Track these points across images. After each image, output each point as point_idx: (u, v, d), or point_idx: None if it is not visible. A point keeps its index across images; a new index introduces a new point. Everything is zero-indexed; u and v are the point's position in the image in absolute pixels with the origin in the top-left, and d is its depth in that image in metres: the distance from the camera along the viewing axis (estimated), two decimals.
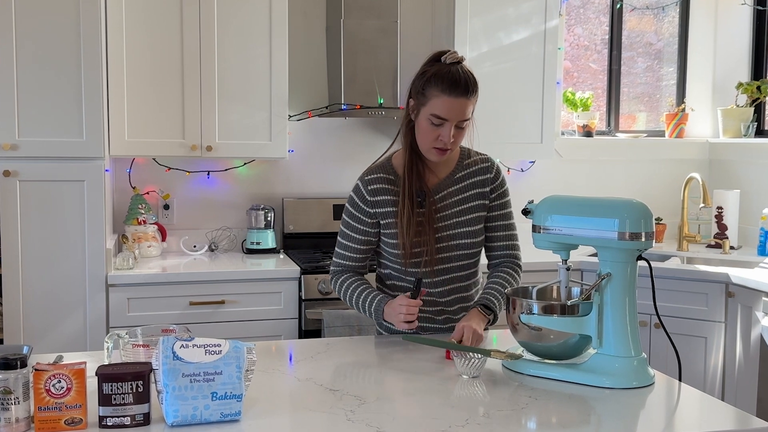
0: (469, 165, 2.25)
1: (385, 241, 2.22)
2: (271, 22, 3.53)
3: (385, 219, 2.20)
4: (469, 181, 2.22)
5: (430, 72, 2.07)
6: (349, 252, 2.25)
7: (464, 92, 2.04)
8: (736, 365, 3.36)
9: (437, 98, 2.05)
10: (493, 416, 1.60)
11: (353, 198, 2.23)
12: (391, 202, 2.18)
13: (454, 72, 2.04)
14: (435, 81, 2.05)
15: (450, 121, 2.06)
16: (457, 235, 2.20)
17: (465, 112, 2.06)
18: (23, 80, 3.04)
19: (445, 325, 2.25)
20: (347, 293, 2.25)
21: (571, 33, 4.46)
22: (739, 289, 3.32)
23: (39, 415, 1.47)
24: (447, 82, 2.03)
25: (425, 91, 2.07)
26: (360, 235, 2.22)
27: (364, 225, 2.22)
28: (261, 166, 3.92)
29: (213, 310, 3.29)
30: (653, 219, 1.82)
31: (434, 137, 2.09)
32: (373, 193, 2.19)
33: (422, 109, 2.09)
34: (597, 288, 1.83)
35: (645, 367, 1.83)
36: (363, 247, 2.24)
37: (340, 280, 2.27)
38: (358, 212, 2.22)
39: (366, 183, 2.21)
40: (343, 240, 2.26)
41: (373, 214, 2.20)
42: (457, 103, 2.04)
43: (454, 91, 2.03)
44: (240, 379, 1.53)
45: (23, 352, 1.55)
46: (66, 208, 3.10)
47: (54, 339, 3.10)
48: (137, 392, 1.49)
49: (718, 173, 4.44)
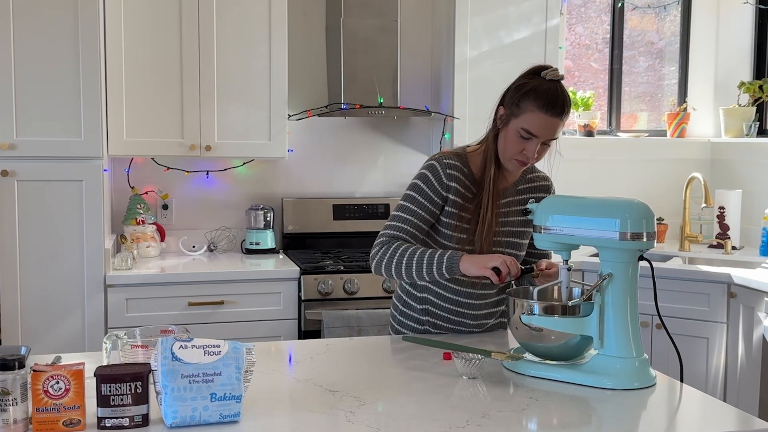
0: (531, 180, 2.27)
1: (441, 231, 2.17)
2: (271, 20, 3.52)
3: (451, 207, 2.15)
4: (528, 195, 2.24)
5: (529, 86, 2.05)
6: (407, 225, 2.14)
7: (560, 113, 2.04)
8: (738, 366, 3.35)
9: (532, 113, 2.03)
10: (494, 417, 1.59)
11: (427, 175, 2.16)
12: (461, 193, 2.15)
13: (554, 90, 2.03)
14: (533, 96, 2.03)
15: (539, 138, 2.06)
16: (506, 243, 2.20)
17: (555, 132, 2.07)
18: (21, 79, 3.03)
19: (456, 327, 2.24)
20: (405, 252, 2.09)
21: (572, 32, 4.46)
22: (741, 289, 3.31)
23: (37, 416, 1.46)
24: (545, 99, 2.02)
25: (521, 103, 2.05)
26: (425, 212, 2.14)
27: (432, 204, 2.14)
28: (260, 166, 3.91)
29: (212, 311, 3.28)
30: (655, 219, 1.81)
31: (519, 150, 2.09)
32: (450, 177, 2.14)
33: (513, 120, 2.07)
34: (598, 288, 1.82)
35: (646, 368, 1.82)
36: (422, 225, 2.15)
37: (394, 244, 2.11)
38: (430, 190, 2.14)
39: (444, 166, 2.15)
40: (404, 213, 2.15)
41: (445, 197, 2.14)
42: (551, 122, 2.04)
43: (551, 110, 2.02)
44: (239, 380, 1.53)
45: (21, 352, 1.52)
46: (64, 208, 3.09)
47: (52, 340, 3.09)
48: (136, 393, 1.49)
49: (720, 173, 4.43)
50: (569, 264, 1.93)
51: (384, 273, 2.13)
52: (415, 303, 2.25)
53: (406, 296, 2.27)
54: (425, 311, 2.24)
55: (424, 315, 2.24)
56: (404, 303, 2.28)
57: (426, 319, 2.24)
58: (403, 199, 2.18)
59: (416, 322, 2.26)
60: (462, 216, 2.14)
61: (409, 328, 2.27)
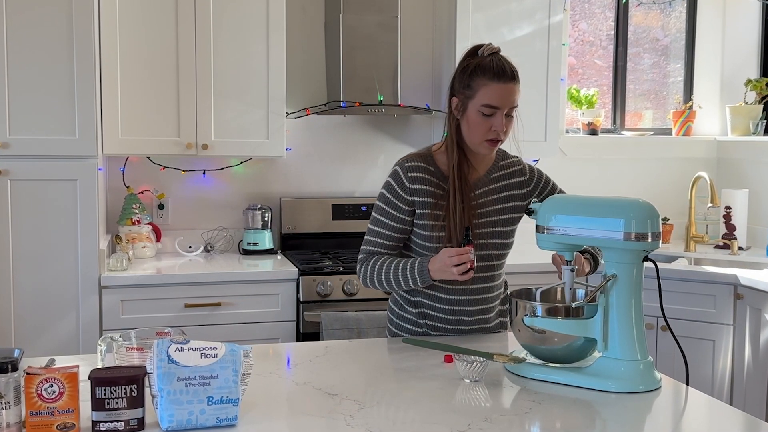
0: (505, 166, 2.28)
1: (418, 233, 2.19)
2: (269, 17, 3.51)
3: (421, 209, 2.17)
4: (504, 183, 2.25)
5: (473, 64, 2.09)
6: (381, 239, 2.20)
7: (511, 78, 2.08)
8: (744, 369, 3.34)
9: (486, 87, 2.07)
10: (496, 421, 1.59)
11: (391, 184, 2.19)
12: (429, 193, 2.16)
13: (497, 60, 2.09)
14: (480, 71, 2.07)
15: (501, 108, 2.08)
16: (490, 234, 2.20)
17: (514, 98, 2.10)
18: (14, 77, 3.02)
19: (456, 327, 2.22)
20: (383, 268, 2.16)
21: (575, 28, 4.46)
22: (747, 290, 3.31)
23: (30, 420, 1.46)
24: (493, 69, 2.07)
25: (471, 83, 2.09)
26: (395, 222, 2.18)
27: (400, 212, 2.18)
28: (258, 165, 3.90)
29: (209, 313, 3.26)
30: (660, 219, 1.81)
31: (486, 128, 2.10)
32: (413, 180, 2.17)
33: (470, 103, 2.10)
34: (602, 290, 1.82)
35: (651, 371, 1.82)
36: (397, 235, 2.20)
37: (371, 261, 2.19)
38: (395, 198, 2.18)
39: (406, 170, 2.18)
40: (376, 227, 2.21)
41: (411, 201, 2.17)
42: (505, 89, 2.07)
43: (502, 77, 2.07)
44: (236, 383, 1.53)
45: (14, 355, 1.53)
46: (58, 208, 3.08)
47: (46, 342, 3.08)
48: (131, 396, 1.49)
49: (727, 172, 4.42)
50: (573, 265, 1.94)
51: (373, 288, 2.22)
52: (410, 306, 2.25)
53: (402, 300, 2.28)
54: (421, 314, 2.23)
55: (421, 318, 2.24)
56: (400, 307, 2.28)
57: (423, 322, 2.24)
58: (374, 210, 2.24)
59: (414, 324, 2.25)
60: (436, 215, 2.15)
61: (407, 332, 2.26)
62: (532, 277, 3.06)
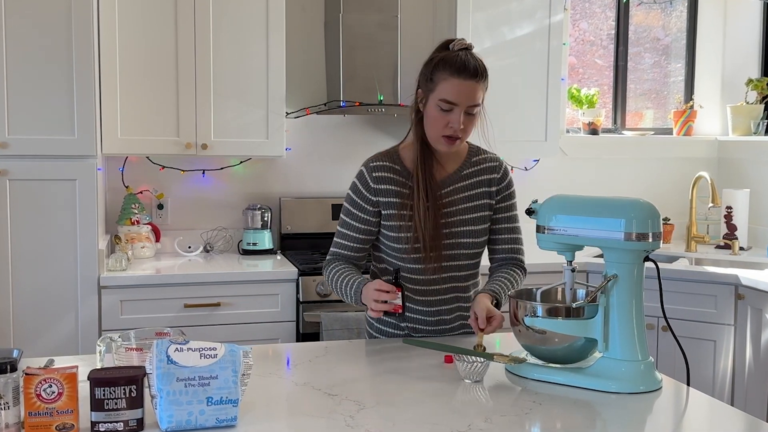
0: (477, 162, 2.23)
1: (385, 234, 2.17)
2: (268, 16, 3.50)
3: (387, 209, 2.15)
4: (476, 179, 2.20)
5: (438, 58, 2.06)
6: (346, 241, 2.19)
7: (473, 75, 2.02)
8: (746, 369, 3.34)
9: (445, 81, 2.02)
10: (496, 422, 1.59)
11: (356, 184, 2.18)
12: (395, 192, 2.14)
13: (463, 56, 2.04)
14: (443, 65, 2.03)
15: (459, 105, 2.03)
16: (461, 233, 2.17)
17: (474, 97, 2.04)
18: (13, 76, 3.01)
19: (436, 327, 2.20)
20: (334, 279, 2.17)
21: (576, 28, 4.46)
22: (748, 291, 3.31)
23: (29, 421, 1.45)
24: (455, 65, 2.02)
25: (433, 76, 2.05)
26: (360, 223, 2.17)
27: (365, 213, 2.16)
28: (258, 165, 3.89)
29: (208, 313, 3.25)
30: (660, 219, 1.81)
31: (444, 124, 2.06)
32: (377, 180, 2.15)
33: (431, 96, 2.06)
34: (603, 290, 1.81)
35: (652, 372, 1.82)
36: (362, 236, 2.18)
37: (331, 266, 2.20)
38: (360, 199, 2.17)
39: (370, 170, 2.16)
40: (342, 228, 2.20)
41: (375, 202, 2.15)
42: (465, 85, 2.02)
43: (463, 73, 2.01)
44: (236, 384, 1.52)
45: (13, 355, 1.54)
46: (57, 208, 3.07)
47: (45, 342, 3.07)
48: (130, 397, 1.48)
49: (728, 172, 4.42)
50: (573, 265, 1.93)
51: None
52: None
53: None
54: (402, 317, 2.20)
55: (402, 321, 2.21)
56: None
57: (405, 325, 2.21)
58: (342, 212, 2.21)
59: (395, 327, 2.23)
60: (402, 215, 2.13)
61: (389, 335, 2.24)
62: (532, 277, 3.04)
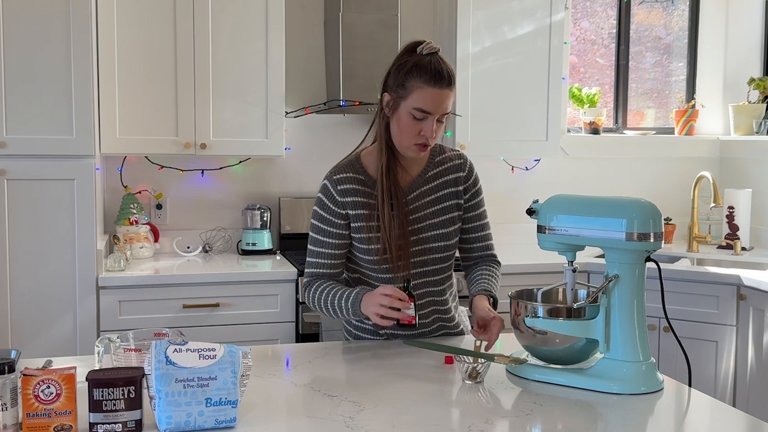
0: (441, 162, 2.18)
1: (356, 246, 2.12)
2: (268, 15, 3.49)
3: (356, 221, 2.10)
4: (441, 180, 2.16)
5: (410, 63, 1.99)
6: (323, 259, 2.12)
7: (448, 83, 1.99)
8: (747, 370, 3.33)
9: (420, 90, 1.97)
10: (497, 423, 1.59)
11: (322, 200, 2.12)
12: (362, 204, 2.10)
13: (436, 62, 1.99)
14: (417, 72, 1.98)
15: (434, 114, 2.00)
16: (431, 238, 2.13)
17: (448, 105, 2.02)
18: (11, 75, 3.01)
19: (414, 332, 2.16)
20: (323, 296, 2.08)
21: (577, 27, 4.45)
22: (751, 291, 3.30)
23: (27, 422, 1.45)
24: (430, 73, 1.97)
25: (406, 83, 1.99)
26: (333, 238, 2.11)
27: (336, 227, 2.11)
28: (257, 165, 3.88)
29: (207, 313, 3.25)
30: (662, 219, 1.81)
31: (416, 132, 2.01)
32: (343, 193, 2.10)
33: (402, 103, 2.01)
34: (604, 290, 1.81)
35: (654, 372, 1.82)
36: (338, 252, 2.12)
37: (314, 286, 2.12)
38: (329, 214, 2.11)
39: (335, 183, 2.11)
40: (316, 247, 2.13)
41: (344, 215, 2.10)
42: (441, 94, 1.98)
43: (439, 83, 1.97)
44: (235, 385, 1.52)
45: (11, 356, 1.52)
46: (55, 208, 3.07)
47: (43, 343, 3.06)
48: (129, 398, 1.48)
49: (730, 172, 4.41)
50: (574, 265, 1.93)
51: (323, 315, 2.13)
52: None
53: None
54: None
55: (380, 327, 2.16)
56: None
57: (383, 331, 2.18)
58: (311, 229, 2.15)
59: (374, 334, 2.19)
60: (371, 226, 2.08)
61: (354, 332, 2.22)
62: (533, 277, 3.04)
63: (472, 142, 3.74)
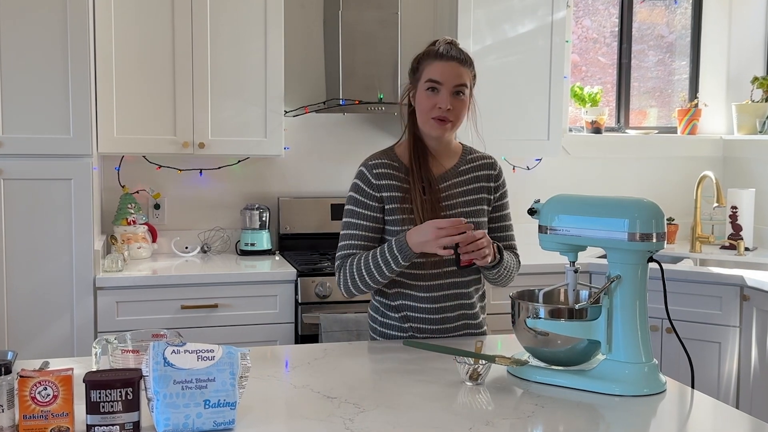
0: (472, 160, 2.29)
1: (389, 230, 2.18)
2: (267, 13, 3.49)
3: (390, 203, 2.17)
4: (473, 175, 2.25)
5: (423, 52, 2.18)
6: (356, 240, 2.18)
7: (456, 57, 2.13)
8: (751, 371, 3.32)
9: (429, 65, 2.13)
10: (498, 425, 1.59)
11: (358, 184, 2.21)
12: (396, 187, 2.18)
13: (446, 45, 2.15)
14: (426, 55, 2.16)
15: (444, 84, 2.11)
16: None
17: (460, 77, 2.12)
18: (8, 74, 3.00)
19: (440, 326, 2.20)
20: (359, 264, 2.12)
21: (579, 25, 4.45)
22: (754, 292, 3.29)
23: (24, 424, 1.45)
24: (437, 51, 2.14)
25: (419, 67, 2.16)
26: (369, 221, 2.18)
27: (372, 210, 2.18)
28: (256, 164, 3.88)
29: (206, 314, 3.24)
30: (665, 219, 1.81)
31: (431, 105, 2.12)
32: (378, 176, 2.18)
33: (418, 85, 2.16)
34: (606, 291, 1.81)
35: (656, 374, 1.82)
36: (372, 235, 2.19)
37: (348, 262, 2.16)
38: (364, 197, 2.19)
39: (371, 167, 2.20)
40: (350, 230, 2.19)
41: (380, 198, 2.18)
42: (450, 66, 2.11)
43: (445, 56, 2.12)
44: (234, 386, 1.53)
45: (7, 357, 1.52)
46: (52, 208, 3.06)
47: (40, 344, 3.06)
48: (126, 400, 1.48)
49: (733, 171, 4.41)
50: (576, 266, 1.93)
51: (355, 292, 2.17)
52: (392, 312, 2.22)
53: (382, 306, 2.25)
54: (405, 318, 2.21)
55: (405, 322, 2.21)
56: (382, 314, 2.25)
57: (408, 326, 2.21)
58: (345, 215, 2.22)
59: (398, 330, 2.23)
60: (404, 209, 2.16)
61: (392, 338, 2.24)
62: (534, 278, 3.02)
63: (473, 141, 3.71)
